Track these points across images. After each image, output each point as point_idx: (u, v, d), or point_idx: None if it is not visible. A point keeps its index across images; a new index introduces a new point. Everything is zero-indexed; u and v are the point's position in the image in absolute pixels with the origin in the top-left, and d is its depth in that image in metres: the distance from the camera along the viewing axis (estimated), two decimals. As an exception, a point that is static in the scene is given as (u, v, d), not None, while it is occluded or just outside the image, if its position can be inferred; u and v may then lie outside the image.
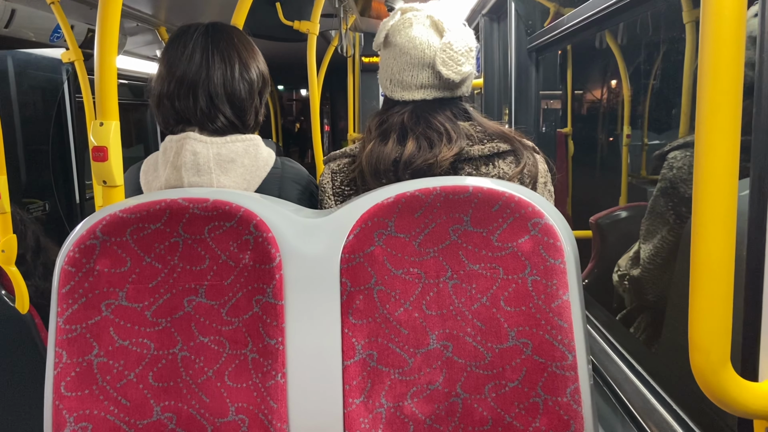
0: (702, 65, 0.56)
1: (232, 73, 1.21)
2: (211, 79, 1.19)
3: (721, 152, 0.55)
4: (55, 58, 3.31)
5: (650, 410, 1.13)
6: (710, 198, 0.56)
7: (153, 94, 1.24)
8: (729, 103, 0.55)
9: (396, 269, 0.95)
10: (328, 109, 8.80)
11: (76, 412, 0.92)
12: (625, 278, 1.67)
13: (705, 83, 0.56)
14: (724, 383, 0.59)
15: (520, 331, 0.92)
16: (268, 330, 0.93)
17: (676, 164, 1.28)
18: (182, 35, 1.23)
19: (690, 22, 1.82)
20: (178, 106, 1.19)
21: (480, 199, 0.93)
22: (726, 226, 0.56)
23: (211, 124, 1.20)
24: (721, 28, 0.55)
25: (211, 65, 1.19)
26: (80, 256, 0.93)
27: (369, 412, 0.93)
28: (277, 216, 0.96)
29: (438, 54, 1.12)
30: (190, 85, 1.18)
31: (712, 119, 0.55)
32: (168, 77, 1.20)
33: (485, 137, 1.14)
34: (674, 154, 1.29)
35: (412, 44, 1.14)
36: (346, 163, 1.21)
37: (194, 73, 1.18)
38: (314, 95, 2.78)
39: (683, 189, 1.27)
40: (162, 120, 1.24)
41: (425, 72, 1.15)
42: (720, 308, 0.57)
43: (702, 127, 0.56)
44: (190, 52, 1.19)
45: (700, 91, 0.56)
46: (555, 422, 0.91)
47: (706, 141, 0.56)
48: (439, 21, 1.15)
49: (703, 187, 0.56)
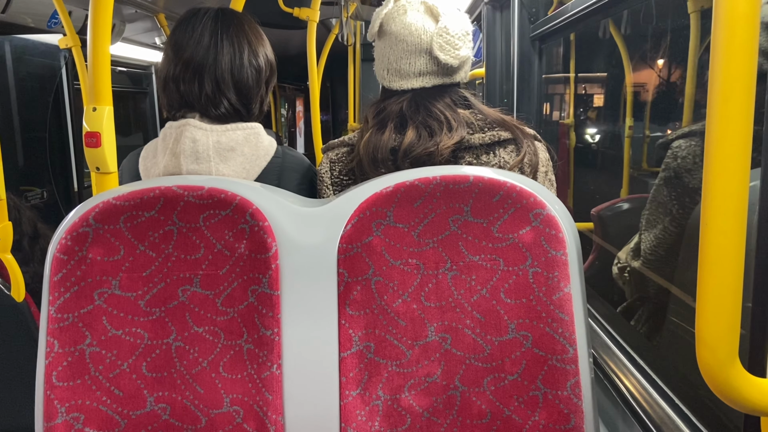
0: (714, 53, 0.54)
1: (241, 59, 1.19)
2: (219, 64, 1.17)
3: (732, 142, 0.53)
4: (53, 44, 3.27)
5: (651, 404, 1.12)
6: (720, 189, 0.54)
7: (159, 77, 1.22)
8: (741, 92, 0.53)
9: (394, 260, 0.93)
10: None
11: (68, 402, 0.91)
12: (625, 270, 1.66)
13: (717, 71, 0.54)
14: (731, 379, 0.57)
15: (520, 323, 0.91)
16: (264, 321, 0.92)
17: (681, 153, 1.25)
18: (191, 18, 1.20)
19: (695, 11, 1.79)
20: (183, 90, 1.17)
21: (481, 188, 0.91)
22: (736, 218, 0.54)
23: (215, 109, 1.17)
24: (734, 14, 0.53)
25: (220, 50, 1.17)
26: (72, 243, 0.91)
27: (366, 405, 0.92)
28: (273, 205, 0.94)
29: (435, 39, 1.10)
30: (197, 69, 1.16)
31: (724, 109, 0.53)
32: (175, 60, 1.18)
33: (486, 125, 1.12)
34: (679, 143, 1.27)
35: (407, 31, 1.12)
36: (344, 153, 1.19)
37: (201, 56, 1.16)
38: (314, 84, 2.75)
39: (687, 179, 1.25)
40: (167, 103, 1.22)
41: (422, 58, 1.13)
42: (728, 303, 0.56)
43: (713, 117, 0.54)
44: (199, 35, 1.17)
45: (712, 80, 0.54)
46: (555, 416, 0.89)
47: (717, 130, 0.54)
48: (434, 6, 1.13)
49: (713, 179, 0.54)
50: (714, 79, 0.54)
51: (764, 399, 0.59)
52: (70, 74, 3.47)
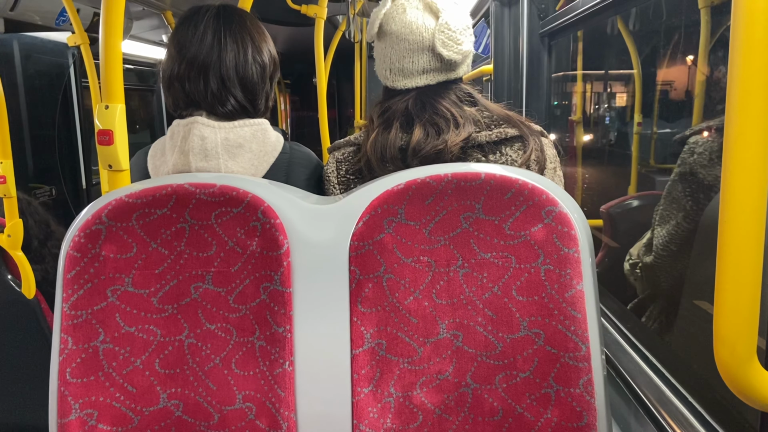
0: (733, 49, 0.54)
1: (245, 56, 1.19)
2: (223, 61, 1.17)
3: (751, 139, 0.53)
4: (61, 41, 3.29)
5: (665, 402, 1.11)
6: (739, 186, 0.54)
7: (163, 76, 1.22)
8: (761, 88, 0.53)
9: (406, 257, 0.93)
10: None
11: (82, 399, 0.91)
12: (636, 266, 1.65)
13: (736, 68, 0.53)
14: (750, 377, 0.57)
15: (533, 321, 0.91)
16: (276, 318, 0.92)
17: (698, 149, 1.25)
18: (193, 16, 1.20)
19: (705, 7, 1.78)
20: (188, 89, 1.17)
21: (492, 186, 0.91)
22: (755, 215, 0.54)
23: (222, 107, 1.18)
24: (754, 10, 0.52)
25: (223, 47, 1.17)
26: (86, 241, 0.92)
27: (378, 402, 0.92)
28: (285, 202, 0.94)
29: (436, 35, 1.10)
30: (201, 67, 1.16)
31: (743, 105, 0.53)
32: (178, 58, 1.18)
33: (492, 122, 1.12)
34: (695, 139, 1.26)
35: (408, 29, 1.12)
36: (351, 152, 1.19)
37: (205, 54, 1.16)
38: (321, 81, 2.75)
39: (702, 175, 1.24)
40: (172, 102, 1.22)
41: (425, 56, 1.12)
42: (747, 300, 0.55)
43: (732, 113, 0.54)
44: (201, 34, 1.17)
45: (731, 77, 0.54)
46: (567, 413, 0.89)
47: (736, 127, 0.53)
48: (432, 2, 1.13)
49: (732, 175, 0.54)
50: (733, 76, 0.54)
51: (782, 397, 0.59)
52: (78, 72, 3.48)
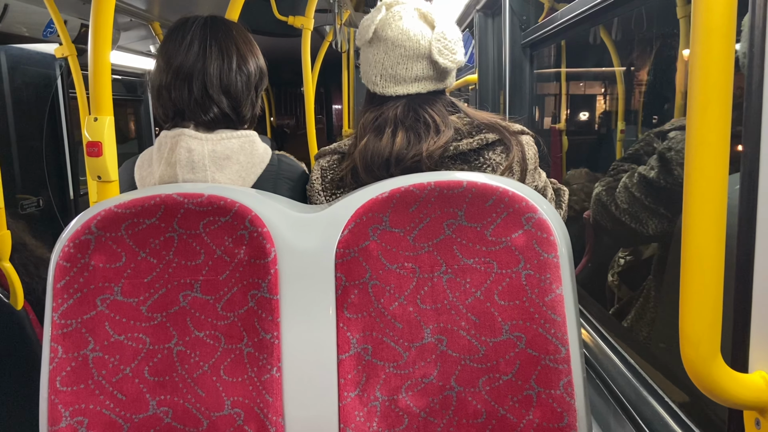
0: (692, 59, 0.57)
1: (230, 66, 1.21)
2: (207, 70, 1.19)
3: (711, 146, 0.56)
4: (49, 53, 3.29)
5: (642, 402, 1.14)
6: (701, 191, 0.57)
7: (153, 87, 1.24)
8: (719, 97, 0.56)
9: (391, 264, 0.95)
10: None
11: (72, 407, 0.92)
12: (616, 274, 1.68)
13: (695, 77, 0.56)
14: (714, 375, 0.60)
15: (514, 324, 0.93)
16: (264, 324, 0.94)
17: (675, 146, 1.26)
18: (181, 27, 1.23)
19: (684, 17, 1.83)
20: (174, 96, 1.19)
21: (474, 193, 0.94)
22: (716, 219, 0.57)
23: (204, 115, 1.19)
24: (712, 20, 0.55)
25: (208, 56, 1.19)
26: (75, 251, 0.93)
27: (364, 406, 0.94)
28: (272, 211, 0.96)
29: (433, 44, 1.13)
30: (186, 76, 1.18)
31: (703, 113, 0.56)
32: (166, 68, 1.20)
33: (473, 129, 1.15)
34: (675, 134, 1.29)
35: (405, 36, 1.14)
36: (335, 160, 1.21)
37: (191, 64, 1.18)
38: (309, 91, 2.78)
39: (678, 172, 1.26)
40: (162, 112, 1.24)
41: (420, 63, 1.15)
42: (710, 301, 0.58)
43: (692, 122, 0.56)
44: (188, 43, 1.19)
45: (691, 85, 0.57)
46: (548, 415, 0.92)
47: (696, 134, 0.56)
48: (428, 13, 1.16)
49: (693, 181, 0.57)
50: (693, 85, 0.57)
51: (745, 393, 0.61)
52: (65, 83, 3.48)
